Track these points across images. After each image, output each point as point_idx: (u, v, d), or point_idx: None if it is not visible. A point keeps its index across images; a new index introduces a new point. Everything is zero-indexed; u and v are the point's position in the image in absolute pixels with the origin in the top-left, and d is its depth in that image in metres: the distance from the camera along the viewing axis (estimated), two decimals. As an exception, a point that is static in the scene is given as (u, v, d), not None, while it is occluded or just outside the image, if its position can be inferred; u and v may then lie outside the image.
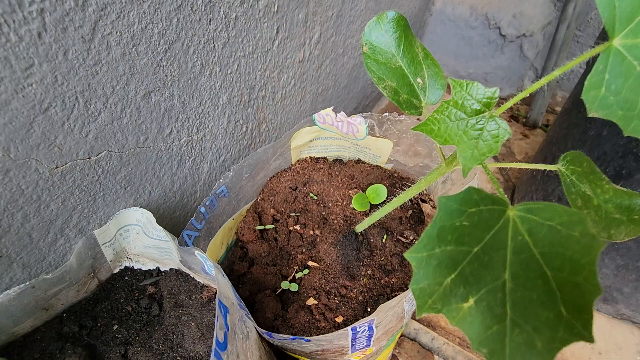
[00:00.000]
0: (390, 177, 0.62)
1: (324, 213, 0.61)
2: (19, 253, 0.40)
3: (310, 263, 0.54)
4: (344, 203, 0.59)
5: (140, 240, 0.51)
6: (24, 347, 0.43)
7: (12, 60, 0.31)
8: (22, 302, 0.41)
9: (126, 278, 0.53)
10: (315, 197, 0.62)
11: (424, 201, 0.63)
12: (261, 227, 0.57)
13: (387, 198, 0.58)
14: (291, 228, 0.59)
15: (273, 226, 0.57)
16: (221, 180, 0.52)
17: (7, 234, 0.38)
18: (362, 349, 0.47)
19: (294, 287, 0.52)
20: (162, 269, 0.54)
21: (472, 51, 1.71)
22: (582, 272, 0.20)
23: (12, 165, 0.35)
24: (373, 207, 0.56)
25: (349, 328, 0.38)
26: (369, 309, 0.49)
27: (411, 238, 0.55)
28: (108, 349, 0.45)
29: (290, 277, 0.54)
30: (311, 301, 0.50)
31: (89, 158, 0.42)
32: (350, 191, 0.60)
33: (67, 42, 0.34)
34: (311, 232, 0.58)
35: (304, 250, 0.57)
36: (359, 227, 0.53)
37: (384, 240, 0.55)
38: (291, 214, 0.60)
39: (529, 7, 1.60)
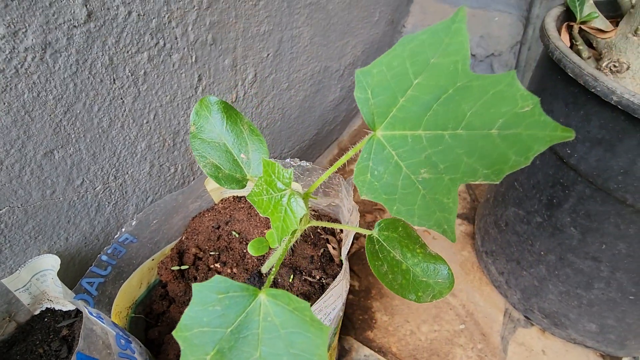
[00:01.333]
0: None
1: (245, 251, 0.63)
2: None
3: (220, 303, 0.57)
4: (261, 242, 0.62)
5: (55, 284, 0.54)
6: None
7: None
8: None
9: (45, 320, 0.56)
10: (237, 235, 0.64)
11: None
12: (177, 267, 0.60)
13: (300, 237, 0.60)
14: (212, 266, 0.62)
15: (187, 267, 0.60)
16: (123, 229, 0.55)
17: None
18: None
19: (200, 327, 0.54)
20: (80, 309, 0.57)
21: (440, 72, 1.74)
22: (317, 351, 0.22)
23: None
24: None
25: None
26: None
27: (318, 277, 0.57)
28: (11, 393, 0.47)
29: (200, 317, 0.56)
30: (214, 342, 0.52)
31: (-12, 215, 0.45)
32: (266, 230, 0.62)
33: (-51, 119, 0.38)
34: (229, 270, 0.61)
35: (220, 288, 0.59)
36: (264, 268, 0.56)
37: (291, 280, 0.57)
38: (212, 253, 0.63)
39: (496, 28, 1.63)
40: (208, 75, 0.67)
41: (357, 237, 1.23)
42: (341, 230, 0.62)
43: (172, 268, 0.59)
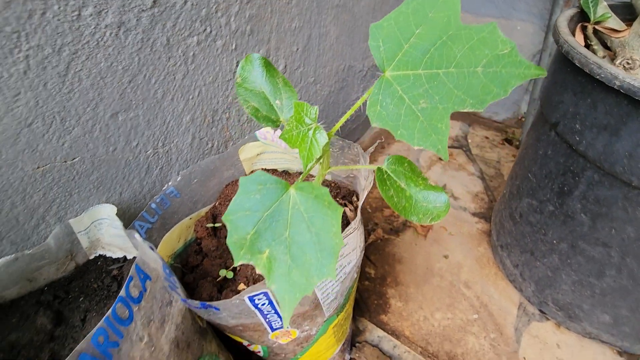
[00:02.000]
0: (328, 187, 0.71)
1: (270, 217, 0.70)
2: (8, 232, 0.52)
3: (248, 256, 0.64)
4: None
5: (110, 231, 0.63)
6: (9, 309, 0.55)
7: (5, 90, 0.45)
8: (9, 271, 0.53)
9: (99, 263, 0.65)
10: (264, 203, 0.72)
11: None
12: (211, 225, 0.67)
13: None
14: (241, 228, 0.69)
15: (220, 224, 0.68)
16: (170, 183, 0.64)
17: (-1, 217, 0.51)
18: (279, 328, 0.56)
19: (229, 274, 0.61)
20: (128, 257, 0.66)
21: (461, 78, 1.79)
22: (332, 228, 0.29)
23: (2, 164, 0.48)
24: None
25: (245, 296, 0.47)
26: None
27: (335, 238, 0.63)
28: (71, 314, 0.56)
29: (231, 268, 0.63)
30: (242, 286, 0.59)
31: (65, 162, 0.54)
32: (291, 197, 0.69)
33: (46, 77, 0.48)
34: (256, 232, 0.68)
35: (248, 247, 0.66)
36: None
37: (311, 239, 0.63)
38: (241, 216, 0.70)
39: (519, 37, 1.67)
40: (245, 62, 0.76)
41: (373, 229, 1.28)
42: (357, 198, 0.68)
43: (207, 225, 0.67)
